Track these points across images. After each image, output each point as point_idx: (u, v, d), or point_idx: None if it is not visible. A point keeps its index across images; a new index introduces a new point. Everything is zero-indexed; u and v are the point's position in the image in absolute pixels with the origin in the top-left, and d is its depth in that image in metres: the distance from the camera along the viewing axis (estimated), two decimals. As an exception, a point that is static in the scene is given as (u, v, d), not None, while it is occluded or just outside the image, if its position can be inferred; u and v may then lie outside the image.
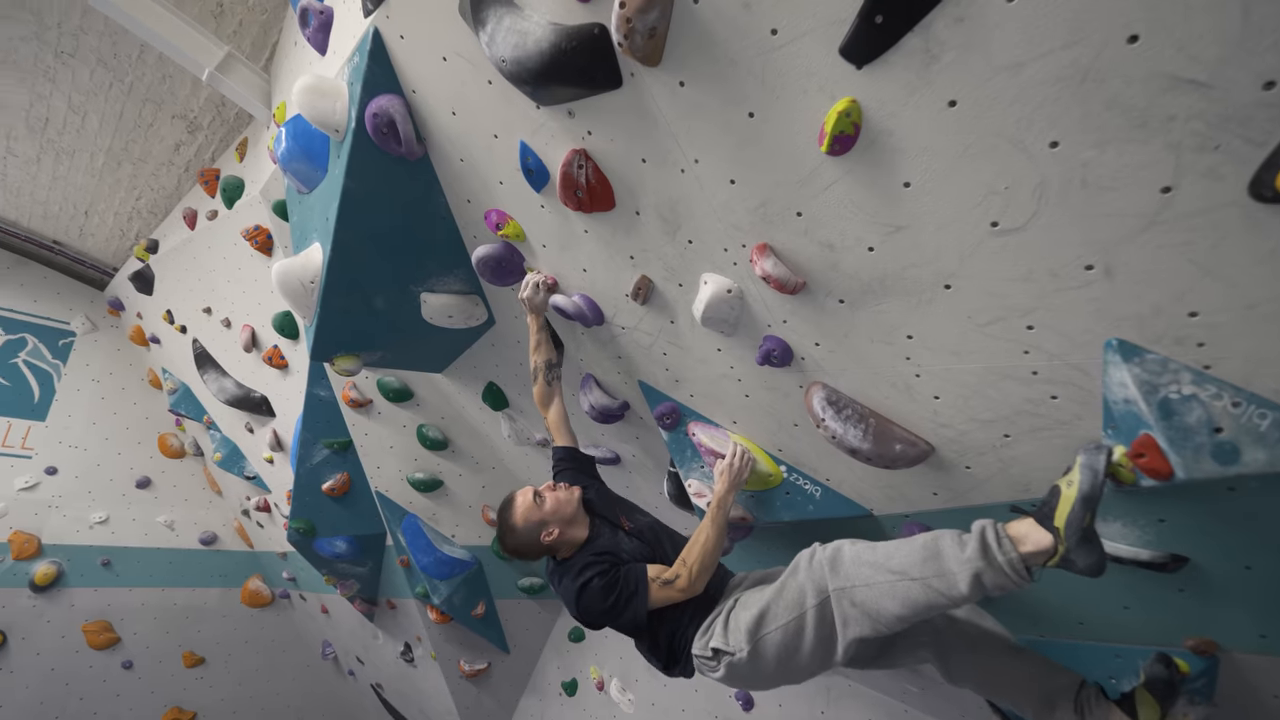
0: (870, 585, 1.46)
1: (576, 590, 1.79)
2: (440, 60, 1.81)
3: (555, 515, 1.88)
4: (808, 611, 1.56)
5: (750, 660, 1.63)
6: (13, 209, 5.13)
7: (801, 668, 1.63)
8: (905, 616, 1.43)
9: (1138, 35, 0.89)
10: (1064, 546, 1.26)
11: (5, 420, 5.27)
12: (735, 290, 1.69)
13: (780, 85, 1.25)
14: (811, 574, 1.59)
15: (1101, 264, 1.11)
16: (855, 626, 1.49)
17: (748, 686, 1.83)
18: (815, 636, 1.56)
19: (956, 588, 1.34)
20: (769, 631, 1.61)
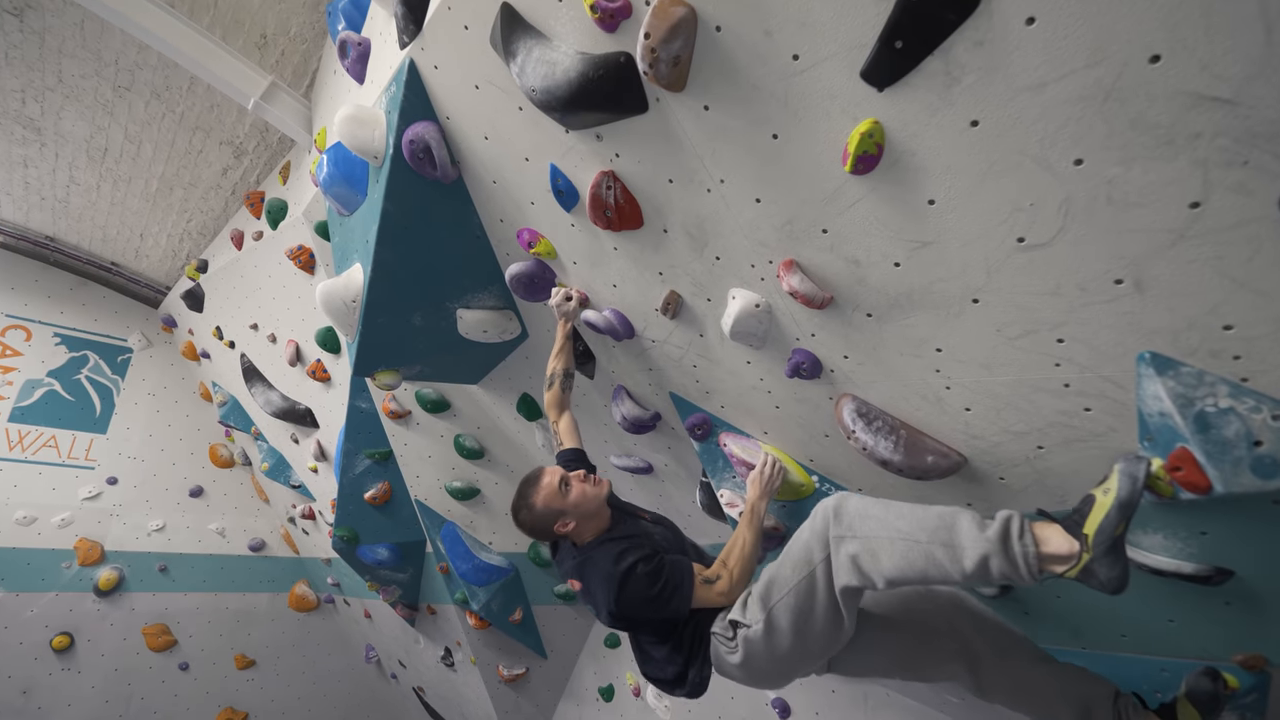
0: (870, 538, 1.42)
1: (620, 575, 1.67)
2: (473, 88, 1.89)
3: (577, 509, 1.81)
4: (816, 567, 1.50)
5: (766, 634, 1.56)
6: (75, 234, 5.43)
7: (817, 636, 1.55)
8: (895, 578, 1.38)
9: (1160, 55, 0.90)
10: (1089, 554, 1.22)
11: (70, 433, 5.57)
12: (763, 305, 1.71)
13: (803, 108, 1.28)
14: (815, 526, 1.53)
15: (1131, 278, 1.11)
16: (845, 575, 1.44)
17: (768, 675, 1.69)
18: (827, 596, 1.49)
19: (960, 563, 1.30)
20: (781, 597, 1.55)
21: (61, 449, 5.51)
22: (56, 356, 5.65)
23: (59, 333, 5.71)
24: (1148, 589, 1.58)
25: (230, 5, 3.17)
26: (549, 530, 1.82)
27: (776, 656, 1.59)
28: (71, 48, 3.56)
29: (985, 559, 1.28)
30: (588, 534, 1.83)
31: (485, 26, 1.68)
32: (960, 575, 1.31)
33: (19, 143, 4.34)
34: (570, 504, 1.80)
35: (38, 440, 5.41)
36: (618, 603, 1.68)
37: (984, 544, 1.28)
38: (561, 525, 1.80)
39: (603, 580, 1.70)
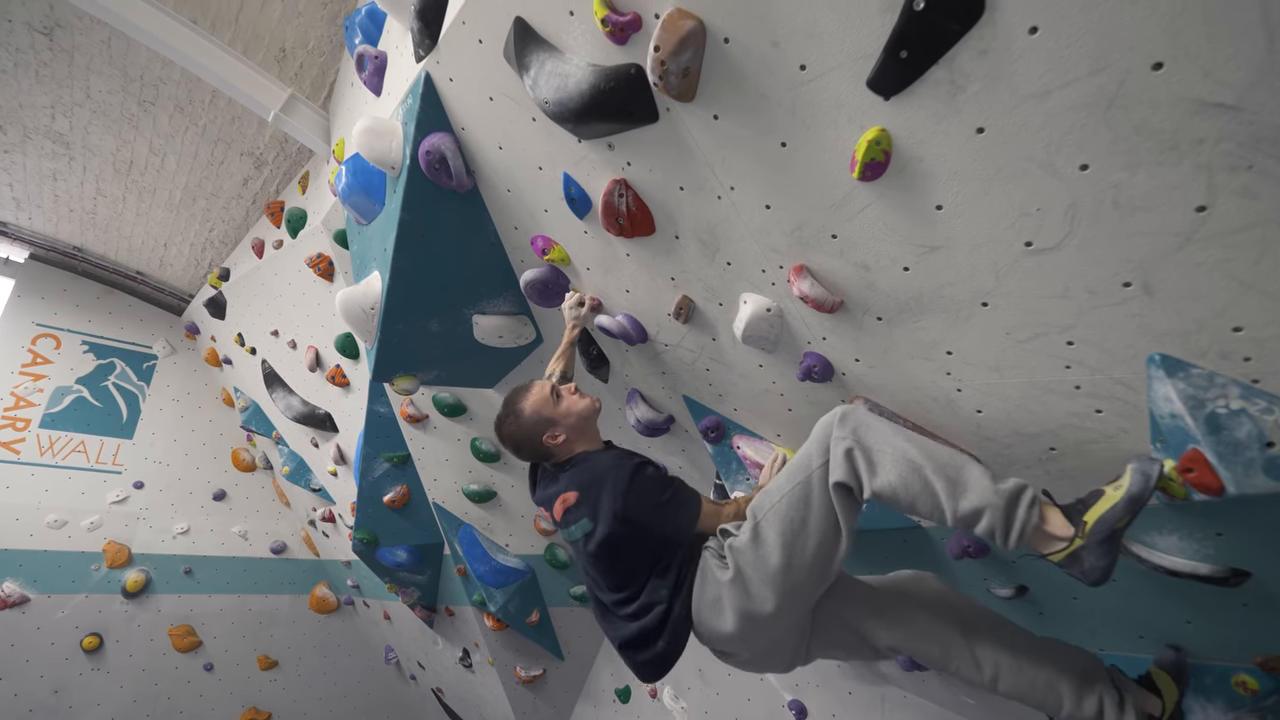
0: (873, 449, 1.37)
1: (631, 470, 1.58)
2: (487, 100, 1.93)
3: (566, 419, 1.70)
4: (813, 473, 1.43)
5: (753, 543, 1.47)
6: (101, 244, 5.58)
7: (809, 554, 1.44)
8: (884, 492, 1.35)
9: (1162, 62, 0.91)
10: (1081, 541, 1.22)
11: (98, 439, 5.71)
12: (774, 309, 1.73)
13: (810, 116, 1.30)
14: (817, 435, 1.47)
15: (1140, 281, 1.11)
16: (839, 471, 1.38)
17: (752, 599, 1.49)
18: (820, 512, 1.42)
19: (957, 503, 1.28)
20: (772, 505, 1.48)
21: (90, 454, 5.64)
22: (85, 364, 5.80)
23: (87, 340, 5.85)
24: (1164, 590, 1.58)
25: (251, 20, 3.24)
26: (536, 441, 1.71)
27: (766, 574, 1.46)
28: (99, 65, 3.66)
29: (982, 509, 1.27)
30: (578, 449, 1.73)
31: (499, 40, 1.72)
32: (950, 514, 1.30)
33: (49, 157, 4.47)
34: (560, 413, 1.71)
35: (67, 445, 5.56)
36: (625, 500, 1.54)
37: (990, 495, 1.27)
38: (550, 437, 1.70)
39: (610, 477, 1.58)
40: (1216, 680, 1.63)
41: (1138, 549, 1.51)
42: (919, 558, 2.05)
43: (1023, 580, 1.90)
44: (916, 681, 2.72)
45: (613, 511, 1.54)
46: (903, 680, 2.79)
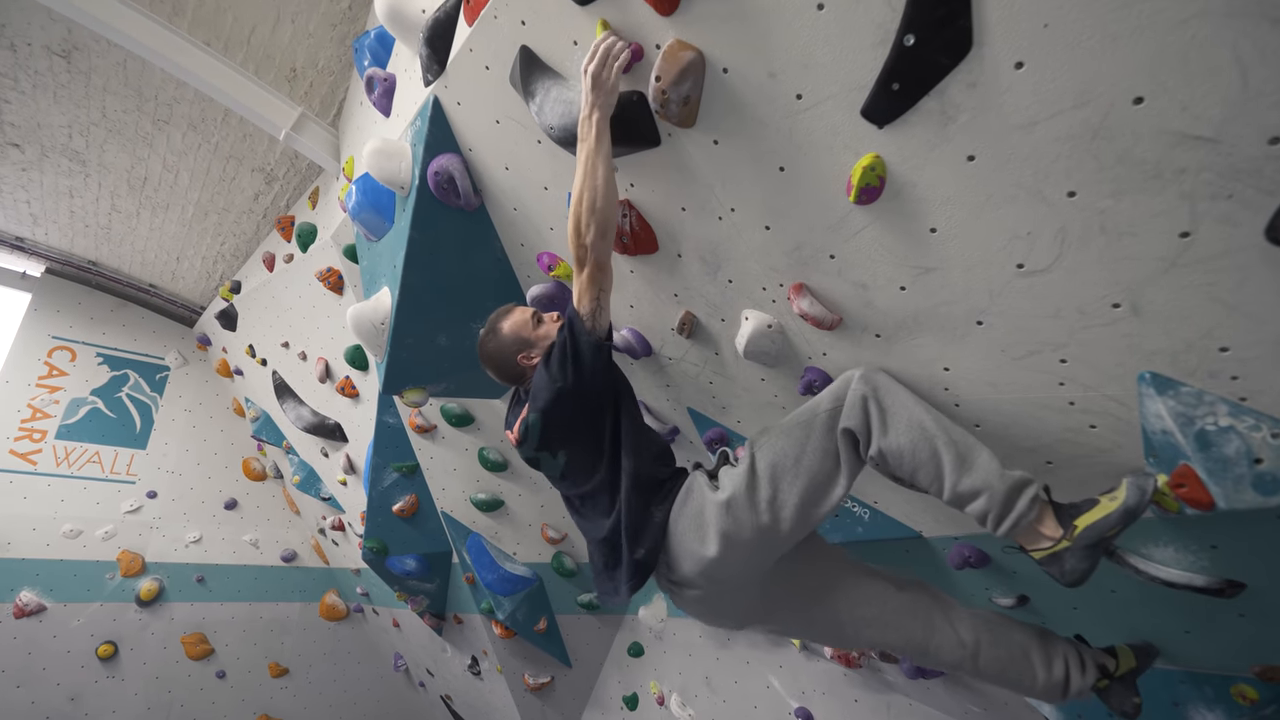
0: (890, 410, 1.38)
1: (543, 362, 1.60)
2: (494, 123, 1.98)
3: (543, 342, 1.67)
4: (819, 416, 1.46)
5: (749, 472, 1.47)
6: (115, 258, 5.67)
7: (799, 490, 1.44)
8: (891, 453, 1.36)
9: (1142, 97, 0.95)
10: (1067, 543, 1.25)
11: (113, 449, 5.79)
12: (775, 325, 1.77)
13: (807, 142, 1.34)
14: (834, 386, 1.50)
15: (1128, 302, 1.15)
16: (851, 416, 1.39)
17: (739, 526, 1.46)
18: (821, 444, 1.43)
19: (959, 476, 1.31)
20: (770, 440, 1.49)
21: (105, 464, 5.73)
22: (99, 375, 5.89)
23: (101, 352, 5.94)
24: (1162, 601, 1.60)
25: (262, 42, 3.32)
26: (511, 362, 1.71)
27: (755, 500, 1.45)
28: (115, 85, 3.75)
29: (982, 490, 1.29)
30: None
31: (505, 67, 1.77)
32: (950, 486, 1.32)
33: (65, 174, 4.57)
34: (539, 336, 1.69)
35: (82, 456, 5.64)
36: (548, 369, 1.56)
37: (995, 479, 1.29)
38: (525, 358, 1.68)
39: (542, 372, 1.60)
40: (1216, 690, 1.65)
41: (1135, 561, 1.53)
42: (921, 567, 2.08)
43: (1024, 590, 1.93)
44: (922, 689, 2.74)
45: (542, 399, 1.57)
46: (909, 688, 2.81)
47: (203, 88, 3.30)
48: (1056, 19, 0.95)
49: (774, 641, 3.47)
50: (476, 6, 1.71)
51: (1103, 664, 1.60)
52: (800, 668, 3.36)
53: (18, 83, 3.78)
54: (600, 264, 1.48)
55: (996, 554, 1.87)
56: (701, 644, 3.94)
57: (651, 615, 4.23)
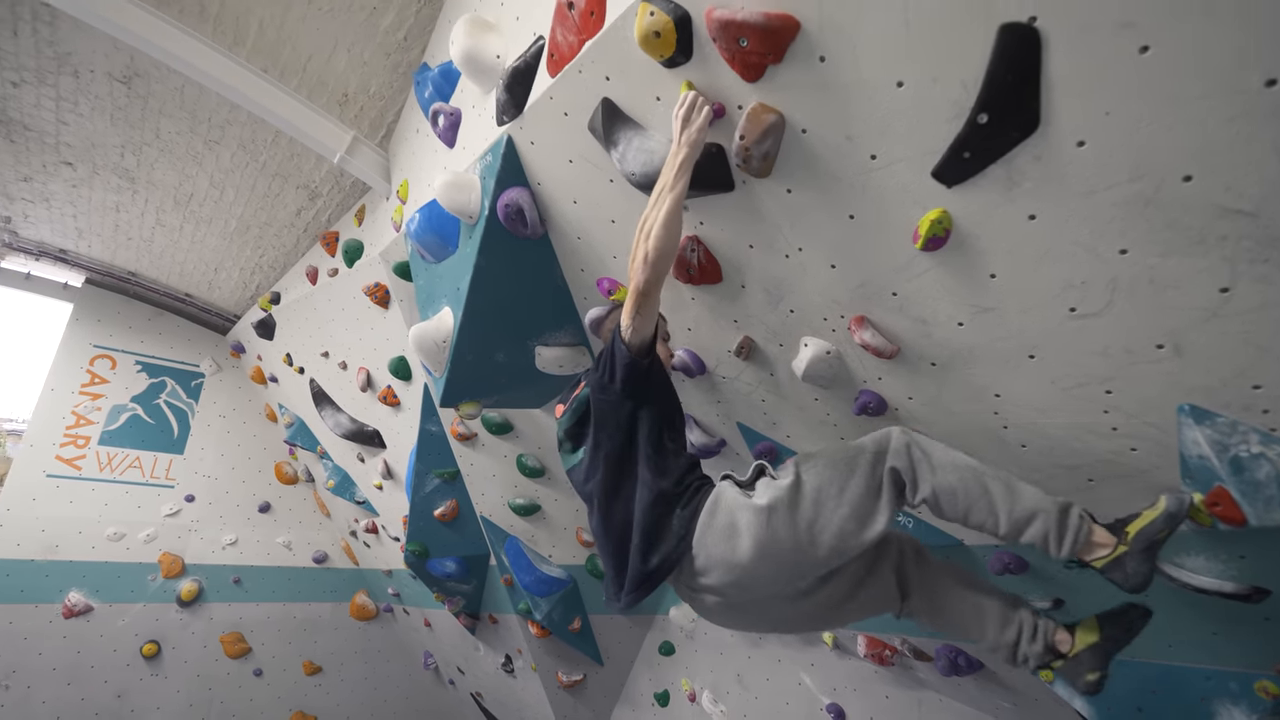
0: (933, 455, 1.48)
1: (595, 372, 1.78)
2: (567, 161, 2.14)
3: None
4: (863, 454, 1.54)
5: (792, 488, 1.53)
6: (155, 269, 5.84)
7: (840, 517, 1.50)
8: (943, 491, 1.44)
9: (1191, 176, 1.10)
10: (1125, 548, 1.36)
11: (152, 454, 5.97)
12: (834, 352, 1.93)
13: (878, 196, 1.50)
14: (876, 435, 1.59)
15: (1171, 344, 1.30)
16: (898, 458, 1.49)
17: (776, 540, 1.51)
18: (864, 480, 1.51)
19: (1013, 506, 1.40)
20: (817, 466, 1.56)
21: (145, 469, 5.91)
22: (138, 383, 6.06)
23: (140, 360, 6.12)
24: (1192, 605, 1.76)
25: (317, 69, 3.48)
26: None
27: (791, 522, 1.51)
28: (170, 109, 3.91)
29: (1035, 514, 1.38)
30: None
31: (584, 114, 1.92)
32: (1006, 515, 1.41)
33: (114, 191, 4.73)
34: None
35: (124, 461, 5.82)
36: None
37: (1044, 502, 1.40)
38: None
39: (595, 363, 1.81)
40: (1240, 686, 1.80)
41: (1169, 569, 1.69)
42: (962, 573, 2.23)
43: (1059, 594, 2.08)
44: (954, 686, 2.89)
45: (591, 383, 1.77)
46: (940, 685, 2.96)
47: (261, 113, 3.46)
48: (1117, 108, 1.10)
49: (806, 640, 3.62)
50: (561, 60, 1.86)
51: (1054, 645, 1.62)
52: (832, 665, 3.51)
53: (77, 105, 3.95)
54: (646, 292, 1.59)
55: (1035, 560, 2.02)
56: (733, 643, 4.10)
57: (683, 615, 4.39)
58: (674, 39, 1.51)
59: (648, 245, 1.56)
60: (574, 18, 1.74)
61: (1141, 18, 1.01)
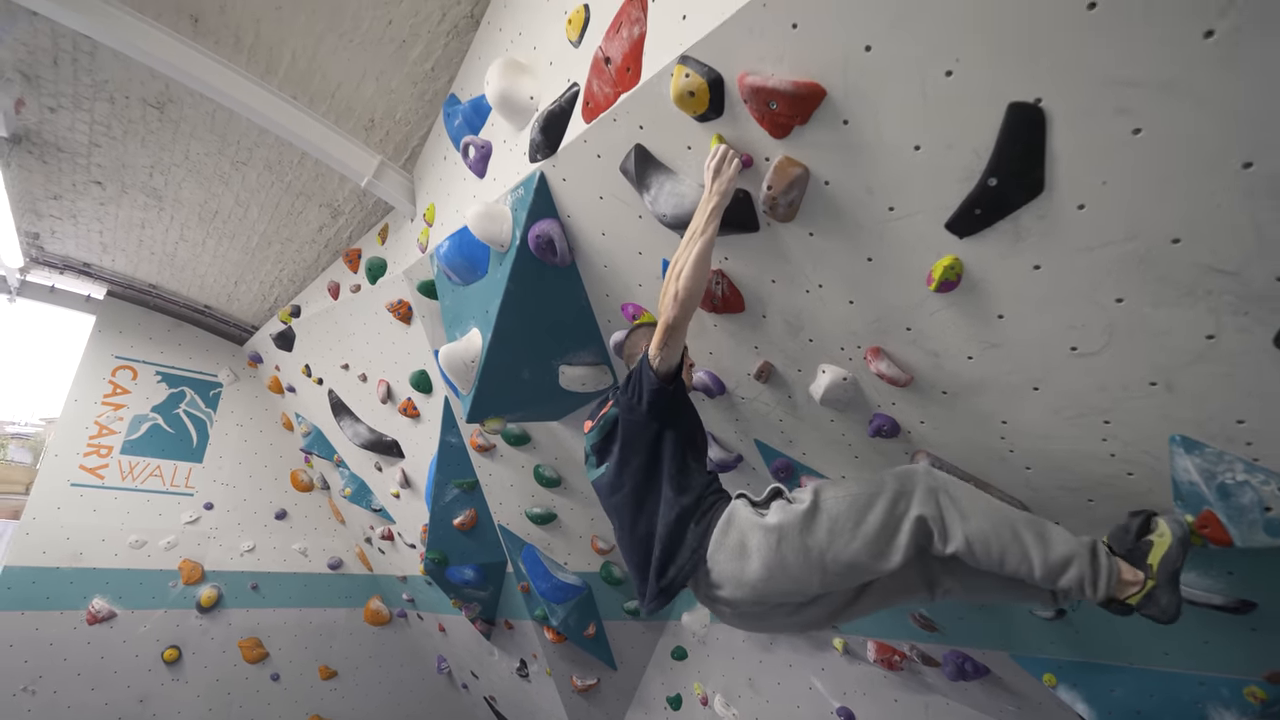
0: (962, 500, 1.52)
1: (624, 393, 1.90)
2: (597, 198, 2.27)
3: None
4: (884, 492, 1.58)
5: (807, 515, 1.57)
6: (176, 281, 5.98)
7: (851, 551, 1.54)
8: (975, 540, 1.46)
9: (1179, 238, 1.24)
10: (1153, 582, 1.45)
11: (172, 463, 6.11)
12: (850, 378, 2.06)
13: (895, 242, 1.63)
14: (899, 472, 1.63)
15: (1164, 382, 1.44)
16: (925, 505, 1.51)
17: (782, 561, 1.57)
18: (881, 520, 1.54)
19: (1047, 553, 1.44)
20: (836, 495, 1.60)
21: (165, 477, 6.04)
22: (158, 393, 6.20)
23: (160, 371, 6.26)
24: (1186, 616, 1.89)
25: (346, 96, 3.61)
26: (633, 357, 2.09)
27: (804, 548, 1.55)
28: (201, 132, 4.05)
29: (1070, 559, 1.43)
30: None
31: (616, 157, 2.06)
32: (1041, 562, 1.45)
33: (140, 208, 4.88)
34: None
35: (145, 470, 5.95)
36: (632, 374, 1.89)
37: (1076, 547, 1.46)
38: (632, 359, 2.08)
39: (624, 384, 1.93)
40: (1231, 691, 1.94)
41: (1163, 582, 1.82)
42: (970, 584, 2.36)
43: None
44: (960, 690, 3.02)
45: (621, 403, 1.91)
46: (947, 689, 3.09)
47: (292, 139, 3.60)
48: (1113, 179, 1.24)
49: (816, 644, 3.76)
50: (596, 109, 2.00)
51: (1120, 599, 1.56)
52: (842, 670, 3.64)
53: (110, 129, 4.09)
54: (674, 326, 1.72)
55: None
56: (745, 648, 4.23)
57: (695, 620, 4.52)
58: (707, 98, 1.64)
59: (678, 284, 1.69)
60: (610, 72, 1.88)
61: (1135, 105, 1.14)
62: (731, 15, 1.49)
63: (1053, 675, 2.39)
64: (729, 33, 1.52)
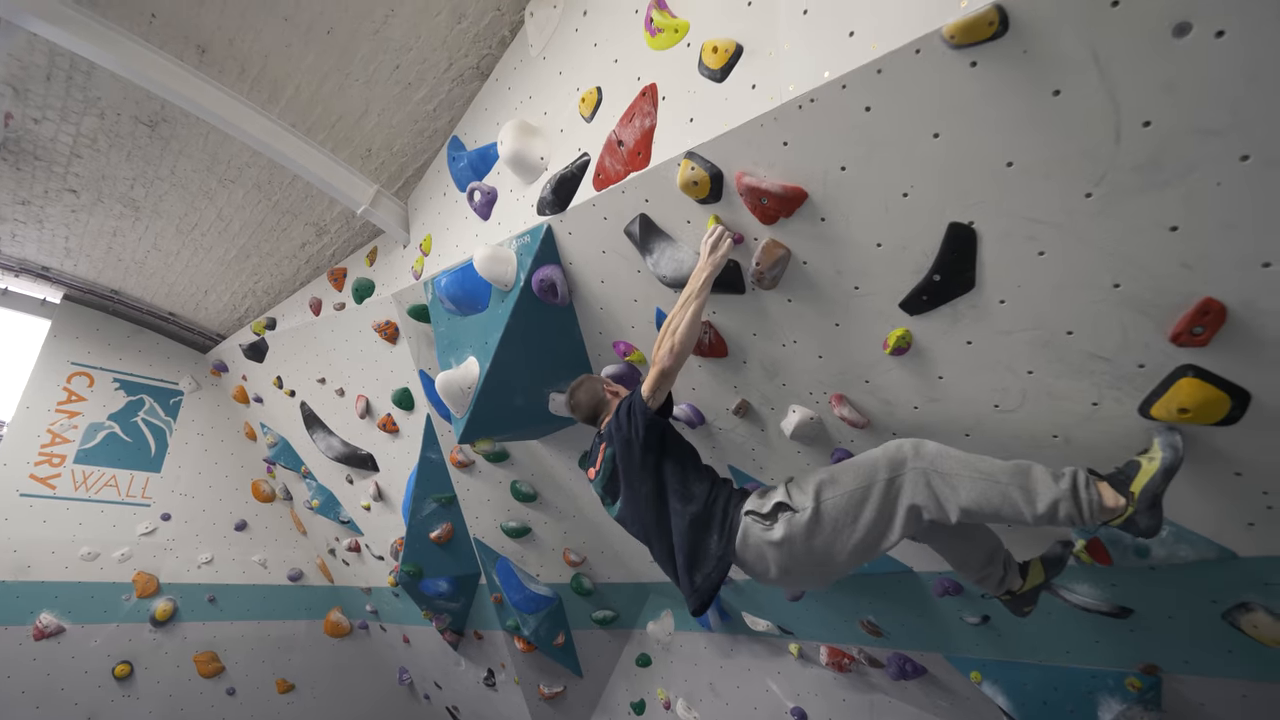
0: (951, 474, 1.63)
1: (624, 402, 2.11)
2: (600, 252, 2.57)
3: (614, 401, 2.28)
4: (876, 484, 1.71)
5: (811, 521, 1.73)
6: (141, 288, 5.91)
7: (853, 542, 1.73)
8: (971, 509, 1.60)
9: (1072, 331, 1.63)
10: (1133, 509, 1.52)
11: (129, 473, 6.00)
12: (816, 418, 2.42)
13: (859, 314, 1.99)
14: (887, 453, 1.76)
15: (1063, 435, 1.84)
16: (919, 495, 1.66)
17: (795, 562, 1.79)
18: (876, 510, 1.70)
19: (1034, 505, 1.55)
20: (834, 495, 1.74)
21: (121, 488, 5.93)
22: (116, 400, 6.09)
23: (118, 378, 6.15)
24: (1081, 620, 2.31)
25: (345, 128, 3.79)
26: (594, 412, 2.33)
27: (811, 548, 1.76)
28: (192, 150, 4.13)
29: (1056, 503, 1.54)
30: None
31: (621, 220, 2.36)
32: (1031, 515, 1.56)
33: (115, 217, 4.86)
34: (609, 396, 2.33)
35: (100, 480, 5.84)
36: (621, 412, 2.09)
37: (1058, 492, 1.56)
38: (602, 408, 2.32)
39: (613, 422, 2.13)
40: (1115, 681, 2.37)
41: (1064, 593, 2.24)
42: (910, 595, 2.75)
43: (986, 612, 2.62)
44: (901, 689, 3.42)
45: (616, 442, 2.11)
46: (890, 688, 3.48)
47: (289, 165, 3.75)
48: (1025, 284, 1.62)
49: (773, 650, 4.11)
50: (606, 180, 2.30)
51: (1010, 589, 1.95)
52: (796, 673, 4.01)
53: (95, 143, 4.13)
54: (668, 374, 1.98)
55: (968, 585, 2.55)
56: (707, 654, 4.54)
57: (660, 629, 4.81)
58: (708, 188, 1.97)
59: (674, 339, 1.95)
60: (623, 153, 2.19)
61: (1040, 235, 1.52)
62: (734, 128, 1.81)
63: (978, 672, 2.80)
64: (731, 141, 1.85)
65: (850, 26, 1.52)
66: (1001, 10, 1.26)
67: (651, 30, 2.10)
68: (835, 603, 3.18)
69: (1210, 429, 1.57)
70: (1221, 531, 1.77)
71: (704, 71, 1.91)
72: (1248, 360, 1.43)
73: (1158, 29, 1.16)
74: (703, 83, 1.92)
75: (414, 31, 3.18)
